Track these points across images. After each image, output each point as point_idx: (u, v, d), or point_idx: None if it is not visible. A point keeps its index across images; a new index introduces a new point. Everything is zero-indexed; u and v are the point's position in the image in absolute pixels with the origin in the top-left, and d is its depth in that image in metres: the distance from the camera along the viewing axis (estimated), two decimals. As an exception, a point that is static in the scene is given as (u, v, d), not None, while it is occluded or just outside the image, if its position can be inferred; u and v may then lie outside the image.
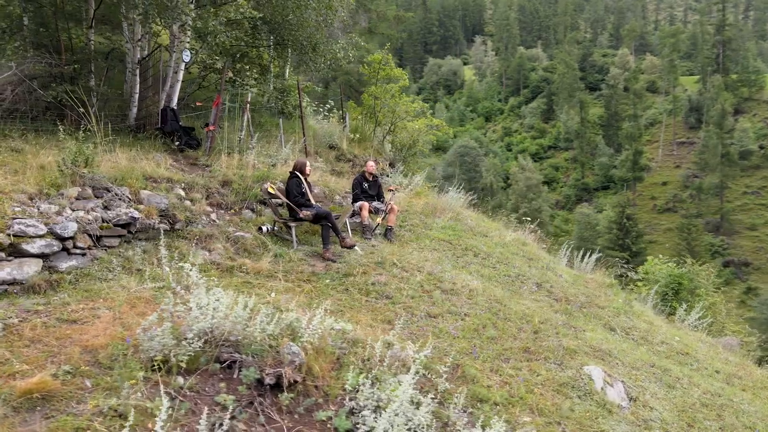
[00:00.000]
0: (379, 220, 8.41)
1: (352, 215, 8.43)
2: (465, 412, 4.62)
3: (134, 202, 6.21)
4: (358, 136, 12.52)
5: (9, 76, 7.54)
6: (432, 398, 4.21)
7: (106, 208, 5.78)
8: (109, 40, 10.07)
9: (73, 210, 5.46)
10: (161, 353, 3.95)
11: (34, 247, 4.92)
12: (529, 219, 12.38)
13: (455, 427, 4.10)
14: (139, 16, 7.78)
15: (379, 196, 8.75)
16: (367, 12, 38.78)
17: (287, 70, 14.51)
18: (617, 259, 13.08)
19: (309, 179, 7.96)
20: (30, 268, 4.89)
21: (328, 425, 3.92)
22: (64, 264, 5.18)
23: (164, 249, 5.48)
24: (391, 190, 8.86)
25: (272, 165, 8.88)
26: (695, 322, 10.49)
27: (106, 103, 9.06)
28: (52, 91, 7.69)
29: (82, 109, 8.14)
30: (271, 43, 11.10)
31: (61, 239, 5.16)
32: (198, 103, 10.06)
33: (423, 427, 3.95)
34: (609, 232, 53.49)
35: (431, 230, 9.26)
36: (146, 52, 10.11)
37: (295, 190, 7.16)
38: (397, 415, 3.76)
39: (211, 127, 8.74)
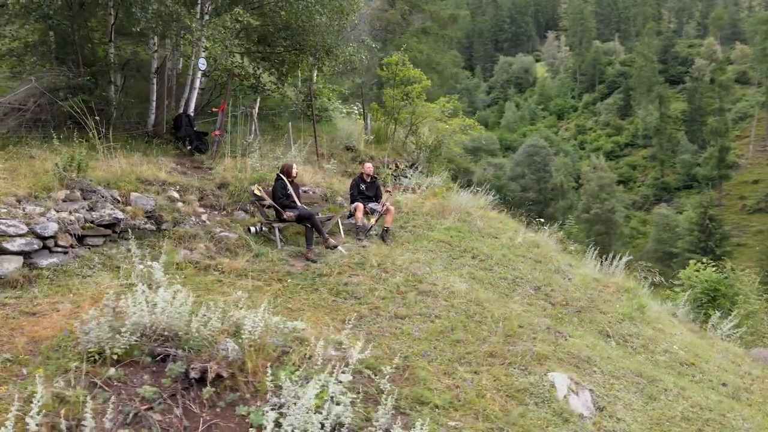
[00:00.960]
0: (372, 221, 8.44)
1: (349, 216, 8.51)
2: (401, 414, 4.59)
3: (122, 204, 6.60)
4: (372, 137, 12.59)
5: (30, 88, 8.19)
6: (355, 398, 4.24)
7: (91, 209, 6.18)
8: (135, 51, 10.70)
9: (58, 211, 5.89)
10: (97, 345, 4.19)
11: (14, 245, 5.35)
12: (542, 220, 11.95)
13: (378, 428, 4.07)
14: (144, 29, 8.21)
15: (377, 198, 8.78)
16: (420, 12, 38.90)
17: (314, 74, 14.85)
18: (643, 263, 12.38)
19: (297, 181, 8.14)
20: (10, 265, 5.32)
21: (247, 420, 4.01)
22: (45, 261, 5.60)
23: (135, 248, 5.82)
24: (387, 191, 8.87)
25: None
26: (729, 331, 9.77)
27: (124, 111, 9.66)
28: (68, 101, 8.27)
29: (97, 118, 8.75)
30: (290, 49, 11.41)
31: (42, 238, 5.58)
32: (214, 109, 10.50)
33: (342, 426, 3.98)
34: (690, 234, 49.91)
35: (433, 231, 9.18)
36: (175, 62, 10.73)
37: (279, 192, 7.34)
38: (308, 412, 3.81)
39: (217, 132, 9.12)
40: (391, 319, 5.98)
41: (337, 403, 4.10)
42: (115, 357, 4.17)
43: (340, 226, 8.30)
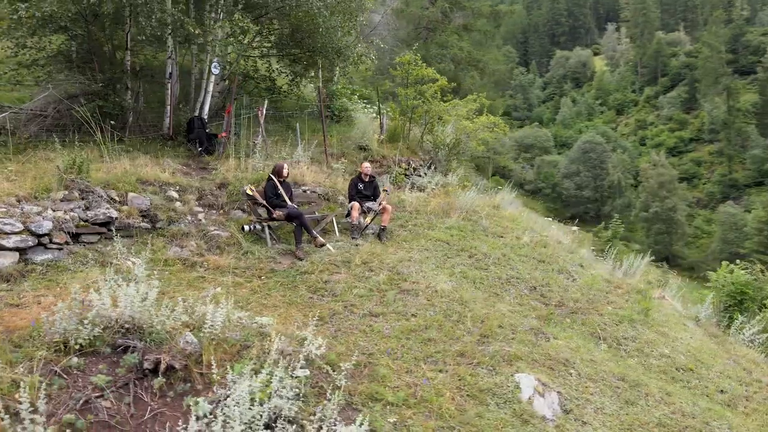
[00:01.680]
0: (367, 219, 8.51)
1: (347, 215, 8.62)
2: (353, 409, 4.66)
3: (119, 203, 6.97)
4: (383, 137, 12.63)
5: (49, 95, 8.74)
6: (299, 392, 4.35)
7: (86, 208, 6.56)
8: (154, 56, 11.20)
9: (54, 210, 6.28)
10: (62, 336, 4.48)
11: (9, 242, 5.76)
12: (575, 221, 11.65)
13: (314, 421, 4.16)
14: (151, 37, 8.60)
15: (376, 197, 8.84)
16: (461, 9, 38.71)
17: (336, 75, 15.04)
18: (655, 261, 11.85)
19: (299, 180, 8.34)
20: (5, 260, 5.73)
21: (192, 410, 4.19)
22: (39, 257, 5.99)
23: (120, 245, 6.15)
24: (385, 190, 8.91)
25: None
26: (752, 336, 9.27)
27: (140, 115, 10.14)
28: (82, 107, 8.76)
29: (112, 122, 9.25)
30: (303, 51, 11.64)
31: (37, 236, 5.98)
32: (226, 112, 10.82)
33: (280, 418, 4.10)
34: (759, 233, 46.77)
35: (434, 230, 9.16)
36: (191, 66, 11.16)
37: (270, 191, 7.54)
38: (237, 405, 3.95)
39: (224, 134, 9.44)
40: (364, 316, 6.04)
41: (280, 397, 4.24)
42: (77, 347, 4.45)
43: (335, 225, 8.42)
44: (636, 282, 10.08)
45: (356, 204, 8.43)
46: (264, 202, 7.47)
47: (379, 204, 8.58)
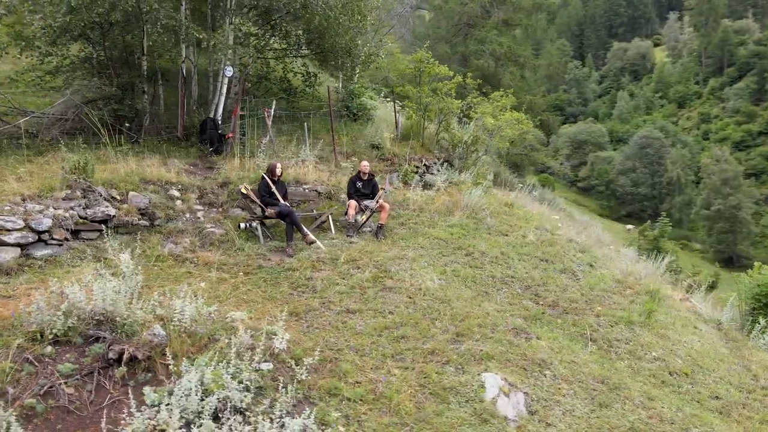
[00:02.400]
0: (363, 217, 8.59)
1: (346, 213, 8.73)
2: (310, 403, 4.76)
3: (119, 202, 7.33)
4: (392, 135, 12.64)
5: (66, 101, 9.27)
6: (249, 385, 4.50)
7: (86, 207, 6.93)
8: (173, 61, 11.65)
9: (55, 209, 6.69)
10: (39, 326, 4.79)
11: (10, 238, 6.18)
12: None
13: (257, 413, 4.27)
14: (158, 42, 8.96)
15: (374, 195, 8.90)
16: (502, 4, 38.26)
17: (356, 74, 15.19)
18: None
19: (301, 179, 8.50)
20: (7, 254, 6.16)
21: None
22: (39, 252, 6.40)
23: (111, 241, 6.48)
24: (383, 189, 8.96)
25: (283, 168, 9.52)
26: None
27: (155, 117, 10.59)
28: (99, 111, 9.23)
29: (127, 125, 9.71)
30: (315, 51, 11.84)
31: (37, 232, 6.39)
32: (241, 113, 11.13)
33: (225, 409, 4.25)
34: None
35: (434, 228, 9.15)
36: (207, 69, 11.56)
37: (263, 190, 7.74)
38: (186, 396, 4.13)
39: (230, 135, 9.73)
40: (340, 313, 6.13)
41: (229, 389, 4.39)
42: (50, 336, 4.75)
43: (331, 223, 8.55)
44: (651, 282, 9.73)
45: (353, 202, 8.53)
46: (258, 201, 7.67)
47: (376, 202, 8.64)
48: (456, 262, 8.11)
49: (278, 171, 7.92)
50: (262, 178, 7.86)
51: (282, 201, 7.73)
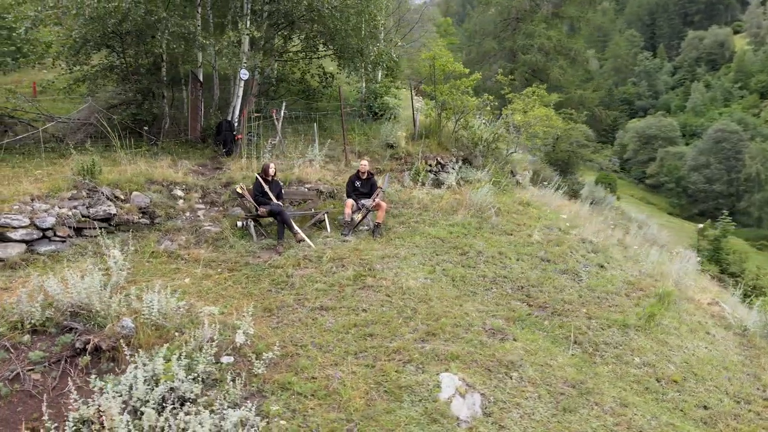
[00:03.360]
0: (358, 216, 8.67)
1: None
2: (262, 396, 4.91)
3: (122, 201, 7.77)
4: (407, 134, 12.60)
5: (89, 106, 9.88)
6: (196, 376, 4.70)
7: (90, 206, 7.40)
8: (188, 67, 12.17)
9: (60, 208, 7.18)
10: (20, 316, 5.19)
11: (16, 235, 6.71)
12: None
13: (200, 403, 4.45)
14: (168, 49, 9.40)
15: (372, 195, 8.96)
16: (551, -4, 37.56)
17: (379, 74, 15.30)
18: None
19: (304, 179, 8.70)
20: (13, 250, 6.68)
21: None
22: (43, 248, 6.90)
23: (105, 238, 6.88)
24: (380, 188, 9.00)
25: (288, 167, 9.78)
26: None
27: (175, 120, 11.10)
28: (120, 115, 9.79)
29: (146, 128, 10.24)
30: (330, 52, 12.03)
31: (42, 229, 6.89)
32: (255, 114, 11.50)
33: (176, 399, 4.47)
34: None
35: (435, 227, 9.11)
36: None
37: (256, 190, 7.98)
38: (134, 385, 4.37)
39: (239, 136, 10.07)
40: (313, 309, 6.25)
41: (179, 380, 4.61)
42: (29, 326, 5.14)
43: (327, 222, 8.69)
44: (668, 285, 9.30)
45: (349, 201, 8.63)
46: (251, 200, 7.92)
47: (373, 200, 8.70)
48: (448, 262, 8.06)
49: (271, 171, 8.14)
50: (257, 178, 8.10)
51: (274, 200, 7.94)
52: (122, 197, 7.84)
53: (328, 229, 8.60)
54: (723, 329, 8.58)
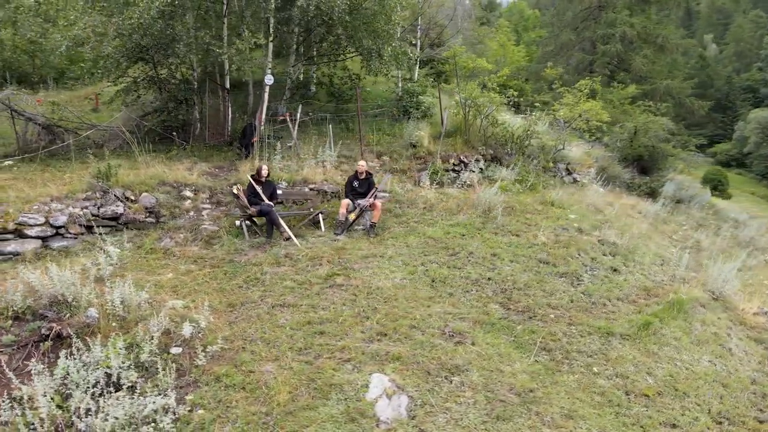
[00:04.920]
0: (352, 216, 8.78)
1: (344, 211, 9.01)
2: (197, 386, 5.21)
3: (131, 202, 8.46)
4: (426, 133, 12.45)
5: (122, 114, 10.81)
6: (131, 365, 5.09)
7: (101, 206, 8.14)
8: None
9: (73, 208, 7.97)
10: (5, 305, 5.89)
11: (32, 231, 7.55)
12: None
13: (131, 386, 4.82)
14: (183, 59, 10.06)
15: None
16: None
17: (416, 73, 15.30)
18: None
19: (308, 179, 8.99)
20: (29, 245, 7.53)
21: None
22: (56, 244, 7.70)
23: (104, 235, 7.55)
24: (376, 188, 9.04)
25: (299, 168, 10.10)
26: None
27: (206, 125, 11.82)
28: (147, 122, 10.64)
29: (174, 133, 11.03)
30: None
31: (55, 227, 7.70)
32: (280, 117, 11.96)
33: (102, 385, 4.89)
34: None
35: (433, 227, 9.04)
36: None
37: (249, 190, 8.35)
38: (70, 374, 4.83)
39: (255, 139, 10.55)
40: (274, 306, 6.48)
41: (116, 367, 5.02)
42: (10, 313, 5.81)
43: (321, 221, 8.89)
44: (689, 291, 8.60)
45: (344, 201, 8.79)
46: (244, 200, 8.31)
47: (367, 201, 8.79)
48: (434, 262, 7.97)
49: (264, 172, 8.48)
50: (250, 179, 8.48)
51: (266, 200, 8.28)
52: (132, 198, 8.53)
53: (323, 229, 8.81)
54: (754, 343, 7.80)
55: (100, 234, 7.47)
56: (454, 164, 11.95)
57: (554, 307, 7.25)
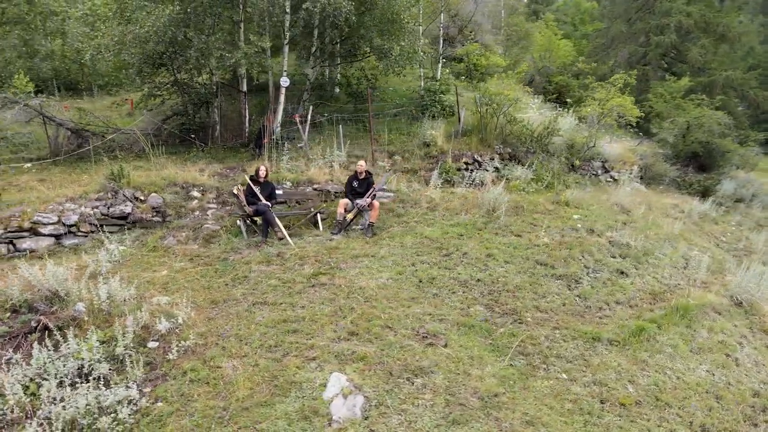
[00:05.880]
0: (349, 216, 8.83)
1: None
2: (165, 379, 5.43)
3: (140, 202, 8.88)
4: (440, 132, 12.27)
5: (144, 118, 11.33)
6: (103, 358, 5.37)
7: (110, 206, 8.59)
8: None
9: (85, 207, 8.45)
10: (6, 298, 6.35)
11: (46, 230, 8.07)
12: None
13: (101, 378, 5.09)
14: (196, 64, 10.43)
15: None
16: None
17: (439, 71, 15.19)
18: None
19: (314, 179, 9.16)
20: (43, 243, 8.06)
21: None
22: (68, 241, 8.20)
23: (109, 234, 7.96)
24: (374, 187, 9.04)
25: (306, 168, 10.27)
26: None
27: (223, 127, 12.21)
28: (167, 126, 11.11)
29: (192, 135, 11.46)
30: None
31: (67, 226, 8.20)
32: (296, 118, 12.17)
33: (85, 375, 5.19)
34: None
35: (432, 227, 8.97)
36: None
37: (247, 191, 8.57)
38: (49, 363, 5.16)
39: (265, 140, 10.80)
40: (254, 304, 6.64)
41: (98, 361, 5.32)
42: (9, 306, 6.25)
43: (319, 221, 8.99)
44: (699, 295, 8.18)
45: (342, 201, 8.87)
46: (243, 200, 8.54)
47: (365, 200, 8.82)
48: (426, 263, 7.91)
49: (262, 173, 8.68)
50: (248, 180, 8.71)
51: (263, 200, 8.47)
52: (142, 198, 8.95)
53: (320, 228, 8.92)
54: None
55: (104, 232, 7.88)
56: (467, 163, 11.78)
57: (543, 310, 7.05)
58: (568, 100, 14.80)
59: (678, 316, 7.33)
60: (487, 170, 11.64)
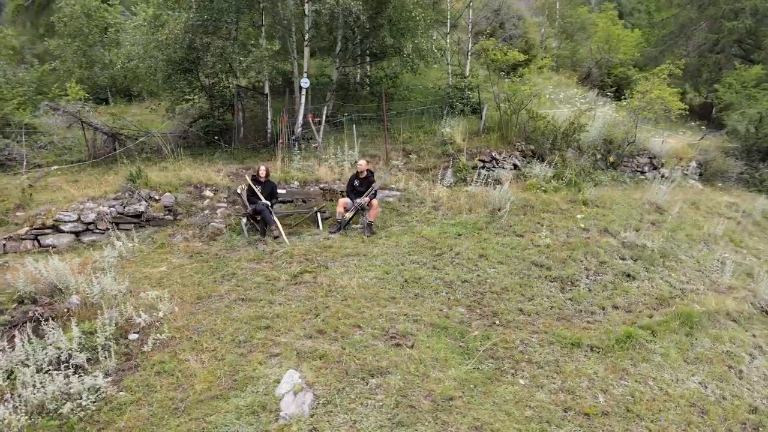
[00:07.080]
0: (348, 215, 8.89)
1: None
2: (137, 370, 5.76)
3: (155, 201, 9.39)
4: (458, 130, 11.99)
5: (171, 121, 11.93)
6: (81, 348, 5.76)
7: (126, 205, 9.15)
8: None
9: (102, 206, 9.05)
10: (14, 289, 6.94)
11: (66, 227, 8.72)
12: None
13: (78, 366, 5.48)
14: (211, 70, 10.85)
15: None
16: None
17: (467, 68, 14.96)
18: None
19: (320, 178, 9.37)
20: (64, 239, 8.71)
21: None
22: (87, 238, 8.82)
23: (120, 231, 8.47)
24: (373, 186, 9.03)
25: (317, 168, 10.45)
26: None
27: (247, 128, 12.63)
28: (193, 128, 11.65)
29: (216, 137, 11.95)
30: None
31: (86, 223, 8.82)
32: (314, 118, 12.37)
33: (53, 363, 5.61)
34: None
35: (431, 226, 8.90)
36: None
37: (248, 190, 8.83)
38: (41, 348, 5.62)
39: (280, 141, 11.06)
40: (235, 300, 6.86)
41: (78, 351, 5.72)
42: (15, 297, 6.83)
43: (319, 220, 9.12)
44: (707, 301, 7.67)
45: (342, 200, 8.95)
46: (244, 199, 8.83)
47: (364, 199, 8.86)
48: (416, 262, 7.86)
49: (262, 173, 8.92)
50: (249, 179, 8.98)
51: (262, 200, 8.72)
52: (157, 197, 9.46)
53: (320, 227, 9.06)
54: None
55: (117, 230, 8.40)
56: (484, 161, 11.53)
57: (526, 312, 6.83)
58: (625, 92, 14.09)
59: (678, 323, 6.88)
60: (503, 168, 11.34)
